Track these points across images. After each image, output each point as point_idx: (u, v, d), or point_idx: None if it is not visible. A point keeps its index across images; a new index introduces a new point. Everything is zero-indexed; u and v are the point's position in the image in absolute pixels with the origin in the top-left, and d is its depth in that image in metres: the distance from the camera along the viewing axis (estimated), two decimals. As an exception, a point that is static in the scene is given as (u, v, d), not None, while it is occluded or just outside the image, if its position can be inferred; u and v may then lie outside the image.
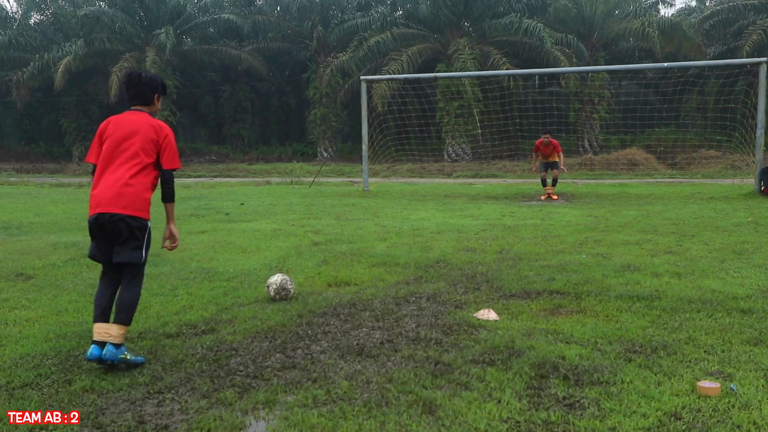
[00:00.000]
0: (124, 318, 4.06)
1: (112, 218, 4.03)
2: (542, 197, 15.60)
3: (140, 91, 4.30)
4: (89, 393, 3.70)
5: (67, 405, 3.52)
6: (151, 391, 3.73)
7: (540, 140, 15.33)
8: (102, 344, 3.96)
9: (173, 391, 3.73)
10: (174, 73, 35.67)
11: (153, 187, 4.23)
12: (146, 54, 33.67)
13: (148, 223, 4.18)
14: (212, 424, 3.28)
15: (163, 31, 32.99)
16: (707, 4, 35.49)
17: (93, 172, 4.23)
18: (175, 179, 4.27)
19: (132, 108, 4.32)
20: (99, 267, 7.29)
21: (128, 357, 4.03)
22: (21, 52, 36.55)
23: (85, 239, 9.25)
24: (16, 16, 40.26)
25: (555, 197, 15.48)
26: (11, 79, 36.02)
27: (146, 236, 4.18)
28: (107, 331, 3.98)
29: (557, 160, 15.46)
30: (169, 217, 4.28)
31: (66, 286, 6.40)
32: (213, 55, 36.66)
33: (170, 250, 4.38)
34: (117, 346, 3.96)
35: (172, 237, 4.31)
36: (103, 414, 3.43)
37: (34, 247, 8.71)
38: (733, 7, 30.10)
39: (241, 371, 4.05)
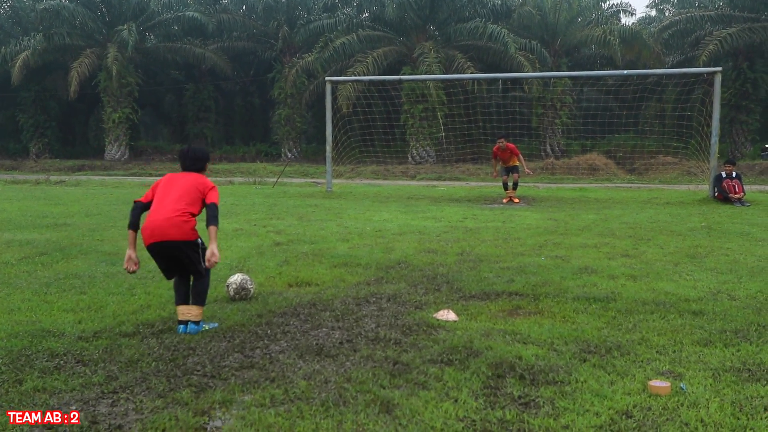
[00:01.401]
0: (200, 300, 4.94)
1: (166, 245, 4.78)
2: (504, 200, 15.76)
3: (194, 164, 5.14)
4: (41, 393, 3.63)
5: (17, 405, 3.44)
6: (106, 391, 3.68)
7: (496, 146, 15.45)
8: (184, 322, 4.85)
9: (128, 391, 3.68)
10: (136, 71, 35.14)
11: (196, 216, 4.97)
12: (108, 50, 33.10)
13: (199, 240, 4.91)
14: (167, 424, 3.24)
15: (125, 27, 32.46)
16: (666, 14, 36.32)
17: (135, 209, 4.93)
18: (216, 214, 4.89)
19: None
20: (54, 266, 7.18)
21: (206, 327, 4.91)
22: (-23, 46, 35.61)
23: (40, 237, 9.08)
24: (-27, 8, 39.27)
25: (516, 200, 15.65)
26: (-34, 74, 35.08)
27: (200, 252, 4.89)
28: (189, 311, 4.88)
29: (517, 164, 15.61)
30: (211, 239, 4.77)
31: (19, 284, 6.25)
32: (176, 53, 36.18)
33: (210, 266, 4.87)
34: (197, 323, 4.87)
35: (213, 255, 4.75)
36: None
37: (-13, 244, 8.50)
38: (690, 18, 30.86)
39: (198, 371, 4.01)
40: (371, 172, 28.14)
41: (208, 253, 4.77)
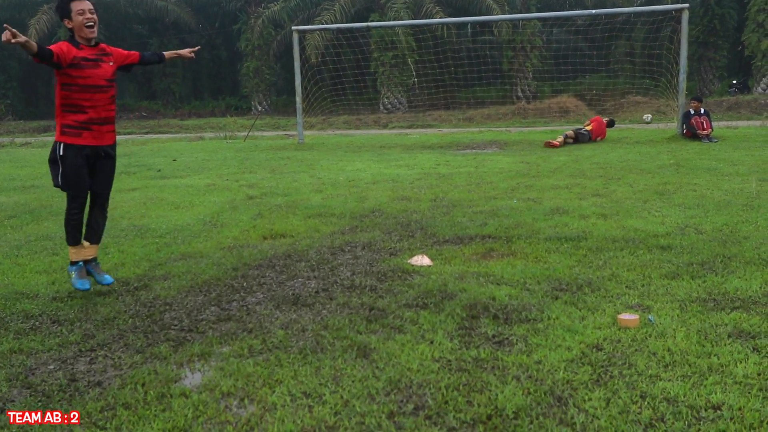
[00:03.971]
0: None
1: None
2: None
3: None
4: (17, 354, 3.62)
5: (-5, 367, 3.44)
6: (83, 350, 3.68)
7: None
8: None
9: (106, 348, 3.69)
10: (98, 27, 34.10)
11: (62, 106, 4.55)
12: (66, 6, 32.02)
13: (58, 145, 4.48)
14: (146, 378, 3.26)
15: (82, -20, 31.36)
16: (634, -50, 35.93)
17: None
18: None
19: None
20: (24, 228, 7.09)
21: (72, 275, 4.64)
22: (-72, 5, 34.25)
23: (8, 200, 8.93)
24: None
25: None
26: None
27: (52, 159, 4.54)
28: None
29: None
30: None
31: (-10, 248, 6.17)
32: (138, 6, 35.12)
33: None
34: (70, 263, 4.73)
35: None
36: (33, 374, 3.37)
37: (-47, 210, 8.34)
38: (658, -46, 30.57)
39: (175, 325, 4.02)
40: (343, 122, 27.91)
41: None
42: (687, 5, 15.94)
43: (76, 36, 4.48)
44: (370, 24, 23.81)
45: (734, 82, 29.89)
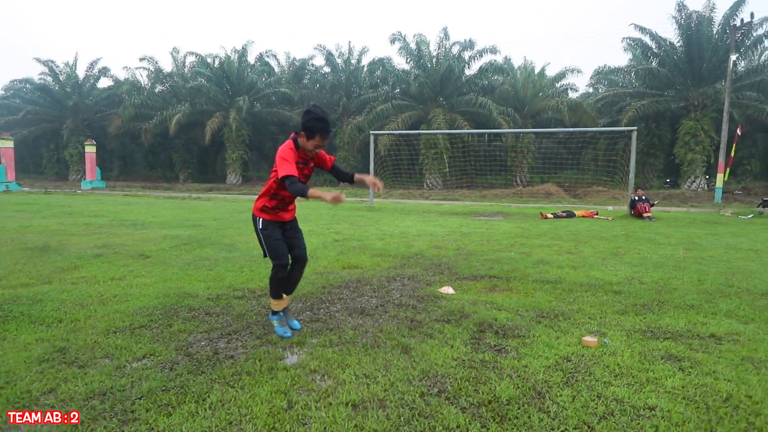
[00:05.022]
0: (269, 290, 3.81)
1: None
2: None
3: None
4: (183, 333, 3.72)
5: (168, 341, 3.53)
6: (223, 333, 3.74)
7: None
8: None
9: (238, 334, 3.75)
10: (247, 126, 35.76)
11: (268, 194, 3.55)
12: (230, 113, 33.77)
13: (258, 220, 3.52)
14: (263, 355, 3.30)
15: (241, 98, 33.11)
16: (600, 90, 35.47)
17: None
18: (290, 186, 3.28)
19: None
20: (192, 251, 7.31)
21: (274, 323, 3.74)
22: (148, 110, 36.68)
23: (184, 233, 9.26)
24: (146, 86, 40.36)
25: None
26: (141, 128, 36.21)
27: (256, 232, 3.58)
28: None
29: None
30: (316, 196, 3.11)
31: (171, 263, 6.40)
32: (273, 115, 36.70)
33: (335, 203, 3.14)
34: (272, 312, 3.80)
35: (332, 195, 3.16)
36: (191, 347, 3.44)
37: (151, 237, 8.71)
38: (616, 94, 30.17)
39: (283, 322, 4.04)
40: (399, 194, 28.06)
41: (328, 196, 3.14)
42: (635, 128, 15.64)
43: (300, 141, 3.47)
44: (420, 131, 24.14)
45: (668, 180, 28.89)
